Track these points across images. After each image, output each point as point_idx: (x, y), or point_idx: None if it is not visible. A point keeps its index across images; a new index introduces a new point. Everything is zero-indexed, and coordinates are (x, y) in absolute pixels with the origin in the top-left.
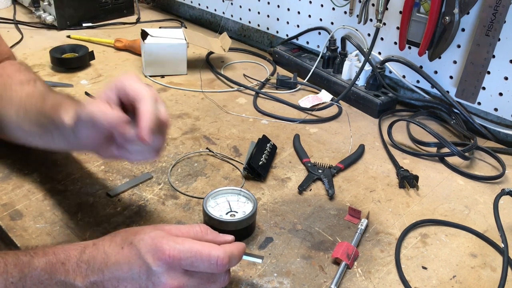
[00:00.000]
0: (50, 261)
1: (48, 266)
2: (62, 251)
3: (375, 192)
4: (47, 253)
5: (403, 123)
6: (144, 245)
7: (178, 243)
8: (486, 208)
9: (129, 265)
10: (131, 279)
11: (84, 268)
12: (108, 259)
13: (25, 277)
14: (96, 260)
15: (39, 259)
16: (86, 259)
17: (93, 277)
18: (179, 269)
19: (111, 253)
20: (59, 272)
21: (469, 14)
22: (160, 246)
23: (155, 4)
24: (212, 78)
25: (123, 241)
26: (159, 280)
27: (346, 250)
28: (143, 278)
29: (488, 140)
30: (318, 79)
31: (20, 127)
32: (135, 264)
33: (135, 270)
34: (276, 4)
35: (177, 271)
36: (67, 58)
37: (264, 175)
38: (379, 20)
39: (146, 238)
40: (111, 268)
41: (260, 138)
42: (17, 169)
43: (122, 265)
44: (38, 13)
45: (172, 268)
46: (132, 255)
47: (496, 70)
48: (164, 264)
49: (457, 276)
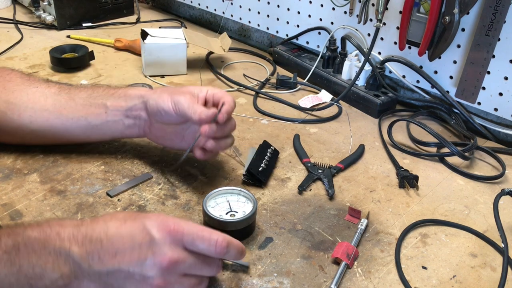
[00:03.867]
0: (45, 231)
1: (42, 236)
2: (57, 223)
3: (375, 192)
4: (41, 225)
5: (403, 123)
6: (149, 220)
7: (182, 221)
8: (486, 208)
9: (132, 236)
10: (131, 249)
11: (80, 238)
12: (109, 230)
13: (18, 245)
14: (95, 231)
15: (33, 229)
16: (84, 230)
17: (89, 247)
18: (180, 244)
19: (112, 225)
20: (54, 241)
21: (469, 14)
22: (166, 221)
23: (155, 4)
24: (212, 78)
25: (126, 217)
26: (161, 250)
27: (346, 250)
28: (144, 248)
29: (488, 140)
30: (318, 79)
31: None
32: (138, 236)
33: (137, 241)
34: (276, 4)
35: (178, 245)
36: (67, 58)
37: (264, 181)
38: (379, 20)
39: (151, 215)
40: (111, 239)
41: (261, 144)
42: (17, 169)
43: (124, 237)
44: (38, 13)
45: (174, 241)
46: (135, 227)
47: (496, 70)
48: (168, 236)
49: (457, 276)
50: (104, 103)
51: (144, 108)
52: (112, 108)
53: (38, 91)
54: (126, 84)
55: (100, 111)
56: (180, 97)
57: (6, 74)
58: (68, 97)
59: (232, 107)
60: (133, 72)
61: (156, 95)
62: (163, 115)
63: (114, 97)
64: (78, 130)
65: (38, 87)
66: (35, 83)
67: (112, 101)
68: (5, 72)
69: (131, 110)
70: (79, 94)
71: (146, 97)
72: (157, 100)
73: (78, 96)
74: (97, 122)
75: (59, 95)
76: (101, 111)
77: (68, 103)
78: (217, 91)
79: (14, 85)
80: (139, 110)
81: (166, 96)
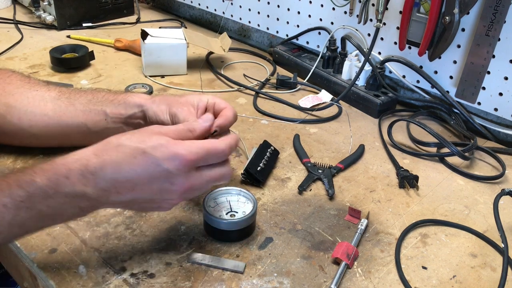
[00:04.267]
0: (53, 178)
1: (52, 182)
2: (62, 165)
3: (375, 192)
4: (46, 171)
5: (403, 123)
6: (160, 153)
7: (191, 147)
8: (486, 208)
9: (147, 172)
10: (149, 183)
11: (91, 178)
12: (121, 168)
13: (31, 195)
14: (106, 170)
15: (40, 176)
16: (93, 170)
17: (105, 184)
18: (194, 168)
19: (123, 162)
20: (65, 185)
21: (469, 14)
22: (178, 152)
23: (155, 4)
24: (212, 78)
25: (134, 151)
26: (179, 181)
27: (346, 250)
28: (163, 181)
29: (488, 140)
30: (318, 79)
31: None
32: (154, 171)
33: (154, 176)
34: (276, 4)
35: (192, 170)
36: (67, 58)
37: (262, 180)
38: (379, 20)
39: (157, 146)
40: (126, 175)
41: (261, 143)
42: (17, 169)
43: (139, 173)
44: (38, 13)
45: (189, 169)
46: (149, 164)
47: (496, 70)
48: (184, 166)
49: (457, 276)
50: (104, 110)
51: (143, 118)
52: (112, 115)
53: (38, 95)
54: (126, 84)
55: (100, 118)
56: (178, 109)
57: (6, 77)
58: (68, 102)
59: (228, 122)
60: (133, 72)
61: (155, 105)
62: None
63: (114, 104)
64: (78, 135)
65: (38, 91)
66: (35, 86)
67: (112, 108)
68: (5, 74)
69: (130, 118)
70: (79, 99)
71: (145, 107)
72: (156, 111)
73: (78, 101)
74: (97, 129)
75: (59, 100)
76: (101, 118)
77: (68, 109)
78: (219, 101)
79: (14, 88)
80: (139, 119)
81: (165, 108)
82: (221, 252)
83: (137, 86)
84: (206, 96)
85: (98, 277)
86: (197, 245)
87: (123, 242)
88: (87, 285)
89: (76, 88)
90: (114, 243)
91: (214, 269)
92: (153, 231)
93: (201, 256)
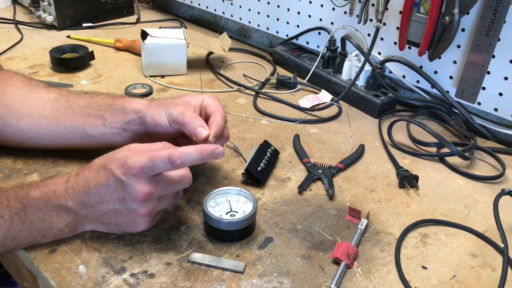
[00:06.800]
0: (44, 191)
1: (43, 195)
2: (52, 182)
3: (375, 192)
4: (39, 186)
5: (403, 123)
6: (115, 164)
7: (140, 157)
8: (486, 208)
9: (107, 185)
10: (111, 194)
11: (71, 193)
12: (89, 182)
13: (25, 207)
14: (80, 185)
15: (34, 190)
16: (72, 185)
17: (80, 198)
18: (146, 176)
19: (90, 178)
20: (52, 199)
21: (469, 14)
22: (126, 162)
23: (155, 4)
24: (212, 78)
25: (98, 167)
26: (132, 189)
27: (346, 250)
28: (120, 190)
29: (488, 140)
30: (318, 79)
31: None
32: (111, 181)
33: (112, 187)
34: (276, 4)
35: (144, 178)
36: (67, 58)
37: (263, 180)
38: (379, 20)
39: (115, 160)
40: (93, 189)
41: (261, 143)
42: (17, 169)
43: (102, 186)
44: (38, 13)
45: (139, 177)
46: (107, 175)
47: (496, 70)
48: (132, 175)
49: (457, 276)
50: (102, 115)
51: (141, 123)
52: (110, 121)
53: (38, 97)
54: (126, 84)
55: (98, 122)
56: (174, 108)
57: (8, 78)
58: (67, 104)
59: (219, 128)
60: (133, 72)
61: (152, 110)
62: (160, 129)
63: (112, 109)
64: (76, 139)
65: (38, 93)
66: (35, 88)
67: (110, 113)
68: (7, 75)
69: (128, 124)
70: (78, 102)
71: (143, 113)
72: (154, 115)
73: (77, 104)
74: (95, 134)
75: (57, 102)
76: (99, 123)
77: (66, 111)
78: (212, 103)
79: (14, 89)
80: (137, 125)
81: (162, 110)
82: (221, 252)
83: (137, 86)
84: (202, 96)
85: (98, 277)
86: (197, 245)
87: (123, 242)
88: (87, 285)
89: (76, 90)
90: (114, 243)
91: (214, 269)
92: (153, 231)
93: (201, 256)
